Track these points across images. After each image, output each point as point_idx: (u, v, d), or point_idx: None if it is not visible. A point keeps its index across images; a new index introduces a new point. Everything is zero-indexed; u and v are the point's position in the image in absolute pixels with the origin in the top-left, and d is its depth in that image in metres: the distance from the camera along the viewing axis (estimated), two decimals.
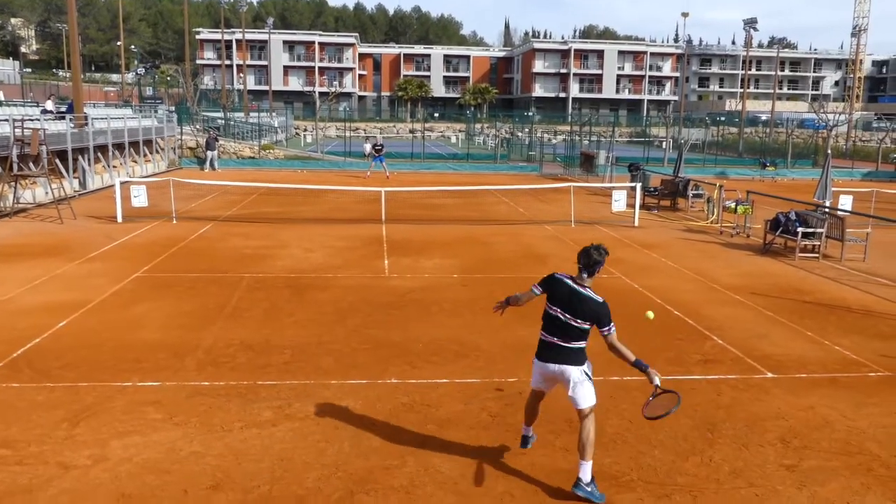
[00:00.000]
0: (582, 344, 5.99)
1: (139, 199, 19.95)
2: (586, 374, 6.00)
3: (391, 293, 12.48)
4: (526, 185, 29.06)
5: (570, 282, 6.02)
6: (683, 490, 6.07)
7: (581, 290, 5.92)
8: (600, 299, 5.90)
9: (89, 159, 27.09)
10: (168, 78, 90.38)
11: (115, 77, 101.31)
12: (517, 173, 39.49)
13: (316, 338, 9.91)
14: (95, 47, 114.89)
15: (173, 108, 47.09)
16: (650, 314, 6.74)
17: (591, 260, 5.91)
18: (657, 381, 5.92)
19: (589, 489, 5.79)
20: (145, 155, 34.72)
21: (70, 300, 11.44)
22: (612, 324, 5.90)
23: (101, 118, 30.83)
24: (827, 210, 17.71)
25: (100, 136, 28.45)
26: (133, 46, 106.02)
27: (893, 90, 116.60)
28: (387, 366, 8.88)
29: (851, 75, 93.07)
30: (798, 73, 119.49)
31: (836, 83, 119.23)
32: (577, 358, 5.97)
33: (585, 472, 5.80)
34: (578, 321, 5.88)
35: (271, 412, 7.44)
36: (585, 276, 5.97)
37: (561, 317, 5.93)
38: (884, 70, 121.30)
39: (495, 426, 7.24)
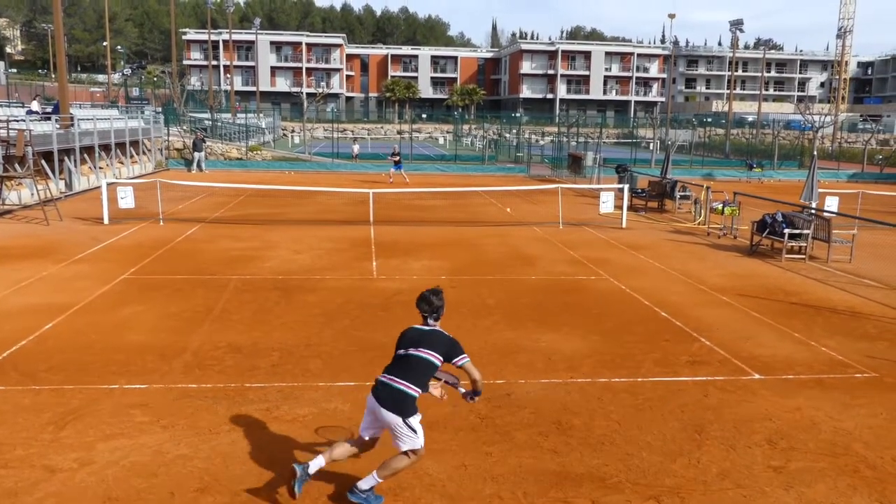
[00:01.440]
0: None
1: (126, 200, 19.83)
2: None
3: (379, 295, 12.46)
4: (514, 187, 29.10)
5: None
6: (671, 492, 6.09)
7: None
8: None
9: (75, 160, 26.92)
10: (155, 79, 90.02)
11: (101, 78, 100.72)
12: (505, 174, 39.55)
13: (304, 340, 9.88)
14: (81, 48, 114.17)
15: (160, 109, 46.84)
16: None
17: (432, 306, 6.08)
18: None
19: (364, 496, 5.69)
20: (132, 156, 34.54)
21: (56, 302, 11.36)
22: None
23: (88, 119, 30.66)
24: (813, 211, 17.82)
25: (86, 137, 28.28)
26: (119, 47, 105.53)
27: (879, 91, 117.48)
28: (375, 368, 8.82)
29: (837, 77, 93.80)
30: (784, 75, 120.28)
31: (822, 84, 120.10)
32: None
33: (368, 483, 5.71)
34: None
35: (259, 414, 7.41)
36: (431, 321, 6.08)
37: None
38: (869, 71, 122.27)
39: (483, 428, 7.24)
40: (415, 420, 5.64)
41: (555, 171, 39.05)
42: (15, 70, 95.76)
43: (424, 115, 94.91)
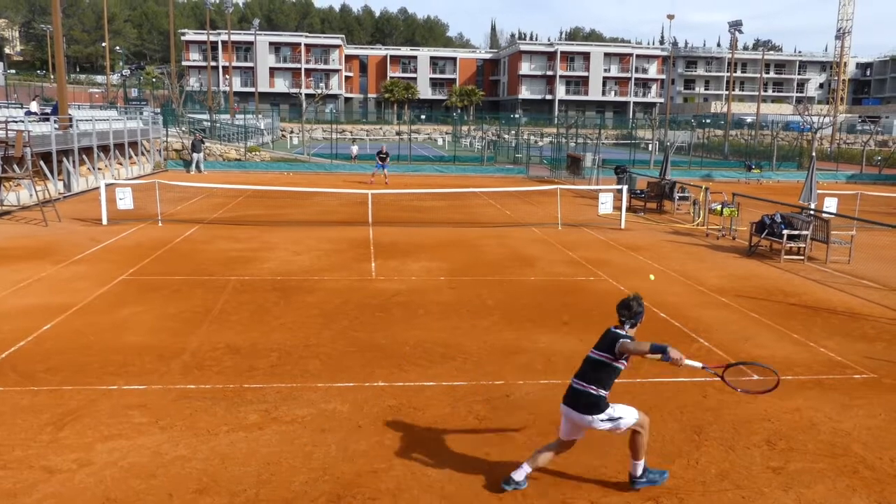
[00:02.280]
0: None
1: (124, 201, 19.82)
2: None
3: (378, 296, 12.46)
4: (513, 188, 29.12)
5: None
6: (670, 493, 6.09)
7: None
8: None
9: (74, 161, 26.90)
10: (153, 79, 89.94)
11: (99, 78, 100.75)
12: (504, 175, 39.56)
13: (303, 341, 9.88)
14: (80, 48, 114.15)
15: (159, 110, 46.84)
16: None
17: (631, 311, 6.03)
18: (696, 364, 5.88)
19: (644, 479, 6.04)
20: (130, 157, 34.52)
21: (55, 303, 11.35)
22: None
23: (86, 120, 30.63)
24: (812, 212, 17.83)
25: (84, 138, 28.26)
26: (118, 48, 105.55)
27: (877, 93, 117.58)
28: (374, 369, 8.87)
29: (836, 78, 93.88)
30: (783, 76, 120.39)
31: (821, 85, 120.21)
32: None
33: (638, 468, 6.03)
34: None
35: (258, 415, 7.41)
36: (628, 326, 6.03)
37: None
38: (868, 72, 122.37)
39: (482, 429, 7.24)
40: (611, 410, 5.83)
41: (554, 172, 39.08)
42: (14, 71, 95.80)
43: (423, 116, 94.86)
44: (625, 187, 22.49)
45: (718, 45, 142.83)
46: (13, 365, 8.66)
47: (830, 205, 20.44)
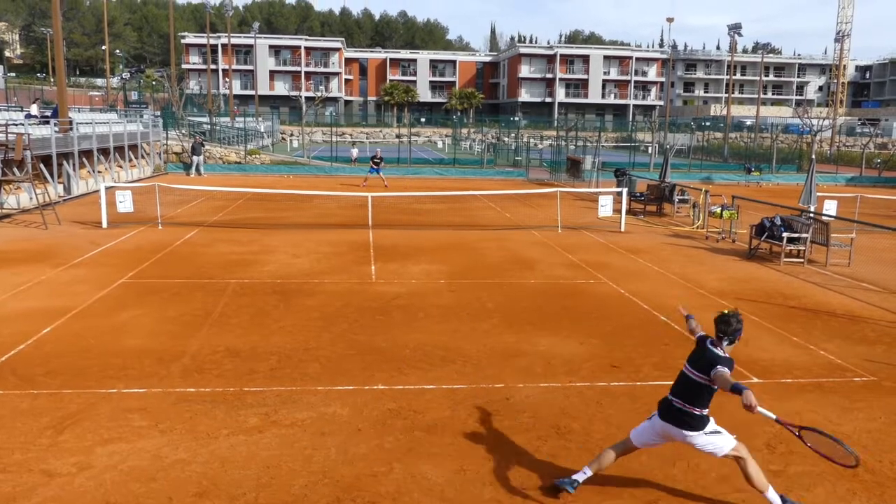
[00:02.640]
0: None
1: (124, 204, 19.82)
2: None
3: (378, 299, 12.45)
4: (512, 191, 29.13)
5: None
6: (670, 497, 6.09)
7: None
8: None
9: (74, 164, 26.91)
10: (153, 82, 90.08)
11: (100, 81, 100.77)
12: (504, 178, 39.57)
13: (302, 344, 9.88)
14: (80, 52, 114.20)
15: (159, 113, 46.89)
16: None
17: (730, 327, 5.72)
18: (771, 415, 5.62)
19: None
20: (130, 160, 34.53)
21: (55, 306, 11.35)
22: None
23: (86, 123, 30.66)
24: (812, 215, 17.83)
25: (85, 141, 28.26)
26: (118, 51, 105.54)
27: (877, 95, 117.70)
28: (374, 372, 8.86)
29: (835, 80, 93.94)
30: (782, 78, 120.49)
31: (820, 88, 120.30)
32: None
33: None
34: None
35: (257, 419, 7.40)
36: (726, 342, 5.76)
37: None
38: (867, 75, 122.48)
39: (482, 432, 7.23)
40: (709, 428, 5.73)
41: (553, 174, 39.09)
42: (14, 74, 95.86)
43: (423, 119, 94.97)
44: (624, 190, 22.49)
45: (718, 47, 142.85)
46: (13, 368, 8.66)
47: (830, 207, 20.45)
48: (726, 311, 5.81)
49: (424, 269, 15.00)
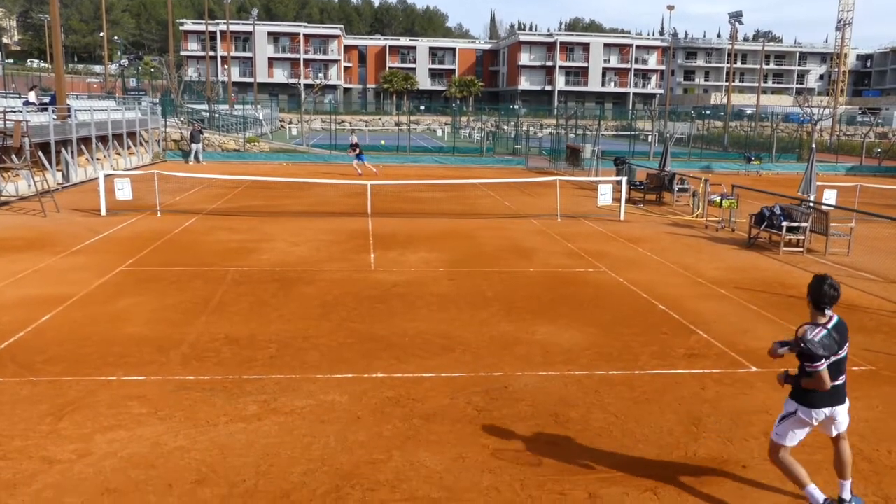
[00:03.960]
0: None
1: (123, 192, 19.79)
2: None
3: (377, 287, 12.46)
4: (512, 179, 29.10)
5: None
6: (668, 484, 6.11)
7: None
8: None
9: (72, 152, 26.85)
10: (152, 69, 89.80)
11: (98, 68, 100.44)
12: (503, 167, 39.51)
13: (301, 332, 9.89)
14: (78, 38, 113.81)
15: (157, 100, 46.73)
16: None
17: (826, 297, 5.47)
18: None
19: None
20: (129, 147, 34.46)
21: (54, 294, 11.35)
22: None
23: (85, 110, 30.57)
24: (811, 204, 17.82)
25: (83, 129, 28.19)
26: (116, 38, 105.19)
27: (878, 84, 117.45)
28: (372, 360, 8.88)
29: (836, 69, 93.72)
30: (783, 67, 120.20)
31: (821, 77, 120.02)
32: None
33: (846, 491, 5.78)
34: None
35: (257, 406, 7.42)
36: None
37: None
38: (868, 64, 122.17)
39: (481, 420, 7.25)
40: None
41: (553, 163, 39.03)
42: (11, 60, 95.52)
43: (422, 107, 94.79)
44: (624, 179, 22.47)
45: (718, 35, 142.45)
46: (12, 356, 8.67)
47: (830, 197, 20.43)
48: (830, 280, 5.52)
49: (423, 258, 15.00)
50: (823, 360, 5.41)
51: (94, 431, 6.75)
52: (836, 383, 5.56)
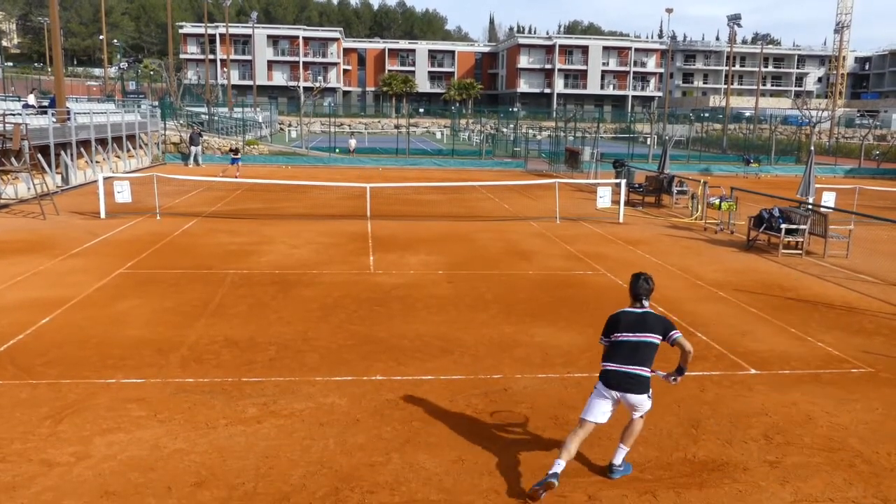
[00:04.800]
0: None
1: (122, 194, 19.80)
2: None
3: (376, 290, 12.46)
4: (511, 182, 29.10)
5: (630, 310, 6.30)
6: (667, 486, 6.11)
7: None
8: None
9: (72, 154, 26.86)
10: (151, 72, 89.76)
11: (97, 71, 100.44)
12: (502, 169, 39.54)
13: (301, 334, 9.88)
14: (77, 41, 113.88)
15: (157, 103, 46.74)
16: None
17: (641, 289, 6.31)
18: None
19: (621, 468, 6.25)
20: (128, 150, 34.47)
21: (53, 297, 11.35)
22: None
23: (84, 113, 30.58)
24: (810, 207, 17.83)
25: (82, 132, 28.21)
26: (115, 41, 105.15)
27: (876, 87, 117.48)
28: (372, 362, 8.88)
29: (834, 72, 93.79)
30: (781, 70, 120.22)
31: (820, 79, 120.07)
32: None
33: (618, 457, 6.26)
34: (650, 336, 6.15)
35: (256, 409, 7.41)
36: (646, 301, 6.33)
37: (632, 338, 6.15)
38: (866, 66, 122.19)
39: (480, 422, 7.25)
40: (650, 391, 6.18)
41: (552, 165, 39.04)
42: (11, 64, 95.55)
43: (422, 110, 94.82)
44: (623, 181, 22.48)
45: (717, 38, 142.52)
46: (12, 358, 8.66)
47: (828, 199, 20.44)
48: (641, 274, 6.45)
49: (423, 260, 15.01)
50: (602, 338, 6.39)
51: (94, 434, 6.75)
52: (610, 365, 6.15)
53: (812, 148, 22.77)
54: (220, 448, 6.55)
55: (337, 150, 42.71)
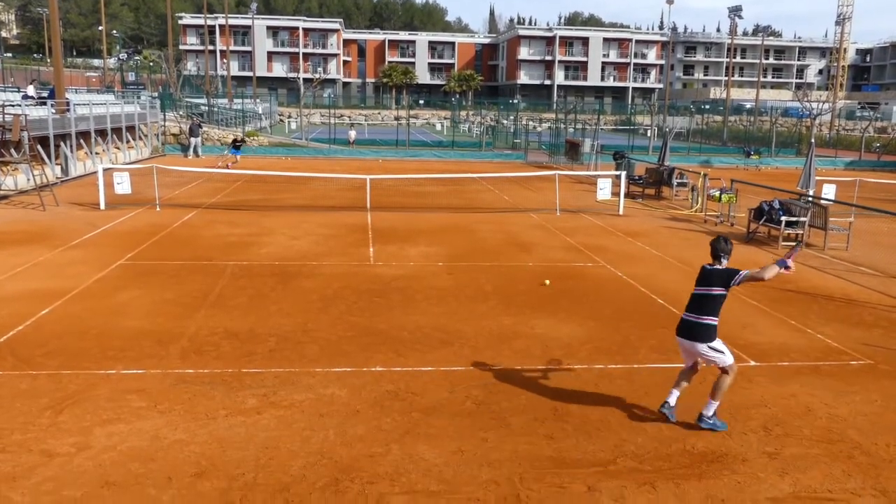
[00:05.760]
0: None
1: (122, 185, 19.77)
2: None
3: (376, 281, 12.46)
4: (511, 173, 29.07)
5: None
6: (666, 477, 6.12)
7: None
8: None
9: (71, 146, 26.82)
10: (151, 63, 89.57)
11: (96, 62, 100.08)
12: (502, 161, 39.48)
13: (301, 325, 9.89)
14: (77, 32, 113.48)
15: (156, 94, 46.64)
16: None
17: (715, 248, 7.16)
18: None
19: (711, 421, 6.97)
20: (128, 141, 34.40)
21: (53, 288, 11.35)
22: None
23: (84, 104, 30.51)
24: (810, 199, 17.82)
25: (82, 123, 28.16)
26: (115, 31, 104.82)
27: (877, 79, 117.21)
28: (372, 353, 8.89)
29: (835, 64, 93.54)
30: (782, 62, 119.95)
31: (820, 71, 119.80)
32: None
33: (710, 409, 6.98)
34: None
35: (256, 400, 7.43)
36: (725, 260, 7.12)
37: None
38: (867, 59, 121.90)
39: (480, 413, 7.26)
40: (717, 343, 6.89)
41: (552, 157, 38.99)
42: (10, 55, 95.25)
43: (422, 101, 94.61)
44: (623, 173, 22.46)
45: (718, 30, 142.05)
46: (12, 349, 8.67)
47: (829, 191, 20.43)
48: (719, 237, 7.25)
49: (423, 252, 15.01)
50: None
51: (94, 425, 6.76)
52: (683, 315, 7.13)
53: (812, 140, 22.74)
54: (219, 439, 6.56)
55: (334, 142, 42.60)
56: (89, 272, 12.46)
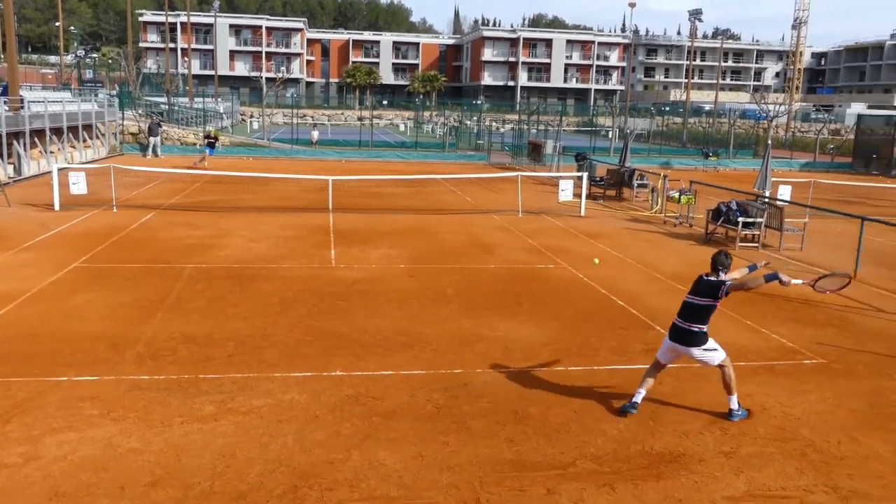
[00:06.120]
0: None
1: (78, 186, 19.38)
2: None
3: (337, 284, 12.37)
4: (474, 175, 29.13)
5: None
6: (625, 478, 6.16)
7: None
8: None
9: (25, 144, 26.22)
10: (109, 61, 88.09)
11: (53, 59, 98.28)
12: (465, 162, 39.53)
13: (260, 330, 9.77)
14: (32, 28, 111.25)
15: (115, 93, 45.87)
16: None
17: (714, 260, 7.37)
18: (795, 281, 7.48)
19: (739, 413, 7.40)
20: (85, 140, 33.75)
21: (3, 291, 11.07)
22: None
23: (38, 101, 29.88)
24: (766, 200, 18.11)
25: (36, 120, 27.55)
26: (72, 27, 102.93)
27: (831, 82, 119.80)
28: (332, 358, 8.81)
29: (792, 67, 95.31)
30: (741, 64, 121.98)
31: (777, 74, 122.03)
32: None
33: (733, 402, 7.43)
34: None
35: (213, 406, 7.31)
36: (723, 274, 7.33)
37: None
38: (822, 62, 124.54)
39: (440, 417, 7.24)
40: (709, 344, 7.27)
41: (515, 158, 39.13)
42: None
43: (385, 102, 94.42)
44: (585, 174, 22.61)
45: (679, 33, 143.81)
46: None
47: (784, 192, 20.78)
48: (719, 252, 7.43)
49: (385, 254, 14.94)
50: None
51: (43, 434, 6.60)
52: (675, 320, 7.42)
53: (769, 142, 23.13)
54: (175, 446, 6.45)
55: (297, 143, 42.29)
56: (43, 275, 12.18)
